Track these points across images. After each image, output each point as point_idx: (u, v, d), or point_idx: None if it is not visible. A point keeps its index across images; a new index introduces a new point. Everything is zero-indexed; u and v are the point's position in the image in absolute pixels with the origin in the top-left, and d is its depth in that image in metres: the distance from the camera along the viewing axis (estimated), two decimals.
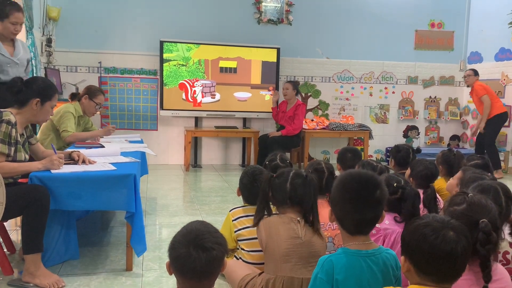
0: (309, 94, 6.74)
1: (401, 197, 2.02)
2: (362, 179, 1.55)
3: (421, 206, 2.09)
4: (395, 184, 2.05)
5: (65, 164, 2.57)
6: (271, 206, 2.07)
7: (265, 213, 2.02)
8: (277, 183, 1.97)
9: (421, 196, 2.11)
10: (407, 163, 3.15)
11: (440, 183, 3.10)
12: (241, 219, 2.39)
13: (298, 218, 1.92)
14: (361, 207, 1.51)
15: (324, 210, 2.01)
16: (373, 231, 1.96)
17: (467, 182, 2.13)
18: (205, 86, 6.20)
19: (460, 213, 1.47)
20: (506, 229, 1.80)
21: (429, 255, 1.26)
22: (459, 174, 2.57)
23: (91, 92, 3.90)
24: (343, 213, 1.55)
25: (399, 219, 2.01)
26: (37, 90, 2.48)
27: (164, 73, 6.01)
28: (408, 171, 2.90)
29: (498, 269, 1.50)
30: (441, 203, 2.57)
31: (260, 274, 2.02)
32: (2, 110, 2.41)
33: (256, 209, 2.01)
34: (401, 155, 3.27)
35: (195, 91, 6.15)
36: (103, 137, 3.98)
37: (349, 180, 1.57)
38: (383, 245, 1.89)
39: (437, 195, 2.50)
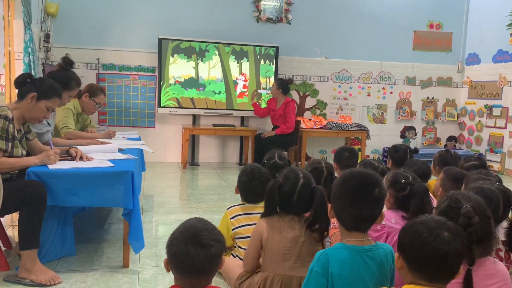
0: (307, 93, 6.75)
1: (410, 194, 2.00)
2: (362, 176, 1.58)
3: None
4: (403, 180, 2.04)
5: (62, 160, 2.57)
6: None
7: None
8: (284, 192, 1.90)
9: None
10: (404, 163, 3.16)
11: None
12: (238, 217, 2.39)
13: (299, 218, 1.91)
14: (358, 203, 1.54)
15: None
16: (378, 227, 1.97)
17: (472, 182, 2.12)
18: None
19: (445, 208, 1.52)
20: (501, 230, 1.81)
21: (421, 253, 1.27)
22: (441, 175, 2.59)
23: (92, 91, 3.90)
24: (340, 208, 1.58)
25: (408, 216, 1.99)
26: (39, 86, 2.48)
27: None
28: None
29: (500, 270, 1.51)
30: (434, 202, 2.58)
31: (257, 272, 2.01)
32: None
33: (263, 214, 1.96)
34: (399, 155, 3.28)
35: None
36: None
37: (349, 177, 1.61)
38: (385, 242, 1.89)
39: (431, 195, 2.50)
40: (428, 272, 1.28)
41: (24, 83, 2.48)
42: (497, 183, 2.03)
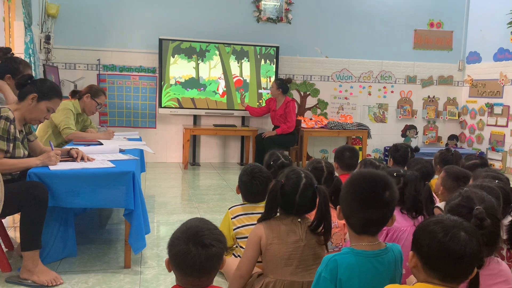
0: (308, 93, 6.74)
1: (403, 184, 2.00)
2: (373, 179, 1.53)
3: None
4: (395, 173, 2.05)
5: (64, 161, 2.57)
6: None
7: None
8: (286, 192, 1.86)
9: None
10: (405, 162, 3.16)
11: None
12: (240, 217, 2.39)
13: (299, 219, 1.88)
14: (368, 206, 1.49)
15: None
16: None
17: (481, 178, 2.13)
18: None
19: (456, 205, 1.50)
20: (503, 228, 1.81)
21: (436, 252, 1.26)
22: (442, 174, 2.59)
23: (93, 91, 3.91)
24: (349, 211, 1.54)
25: (404, 209, 2.00)
26: (39, 87, 2.49)
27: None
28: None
29: (503, 270, 1.50)
30: (437, 201, 2.58)
31: (259, 275, 2.00)
32: (0, 106, 2.40)
33: (264, 215, 1.90)
34: (400, 154, 3.28)
35: None
36: None
37: (359, 179, 1.55)
38: (383, 241, 1.88)
39: (433, 194, 2.50)
40: (443, 272, 1.26)
41: (24, 84, 2.49)
42: (496, 180, 2.03)
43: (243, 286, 1.93)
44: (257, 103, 6.38)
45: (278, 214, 1.93)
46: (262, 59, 6.37)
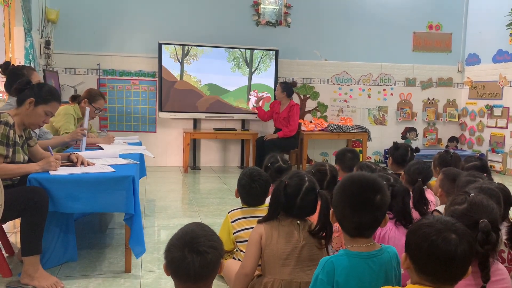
0: (307, 96, 6.75)
1: (391, 194, 2.01)
2: (363, 183, 1.52)
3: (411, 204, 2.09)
4: (385, 182, 2.05)
5: (63, 166, 2.57)
6: None
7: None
8: (288, 193, 1.87)
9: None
10: (405, 161, 3.15)
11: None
12: (239, 220, 2.39)
13: (298, 221, 1.89)
14: (360, 211, 1.49)
15: None
16: None
17: (462, 187, 2.13)
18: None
19: (461, 213, 1.48)
20: (503, 229, 1.81)
21: (427, 255, 1.26)
22: (440, 176, 2.59)
23: (91, 96, 3.91)
24: (342, 216, 1.54)
25: (391, 215, 2.00)
26: (37, 92, 2.49)
27: None
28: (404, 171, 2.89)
29: (500, 269, 1.50)
30: (432, 202, 2.58)
31: (258, 276, 2.01)
32: (0, 111, 2.41)
33: (267, 216, 1.92)
34: (400, 152, 3.25)
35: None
36: None
37: (349, 184, 1.55)
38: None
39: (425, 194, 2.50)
40: (435, 274, 1.27)
41: (22, 89, 2.49)
42: (496, 182, 2.03)
43: (247, 285, 1.94)
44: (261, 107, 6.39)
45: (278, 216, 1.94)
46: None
